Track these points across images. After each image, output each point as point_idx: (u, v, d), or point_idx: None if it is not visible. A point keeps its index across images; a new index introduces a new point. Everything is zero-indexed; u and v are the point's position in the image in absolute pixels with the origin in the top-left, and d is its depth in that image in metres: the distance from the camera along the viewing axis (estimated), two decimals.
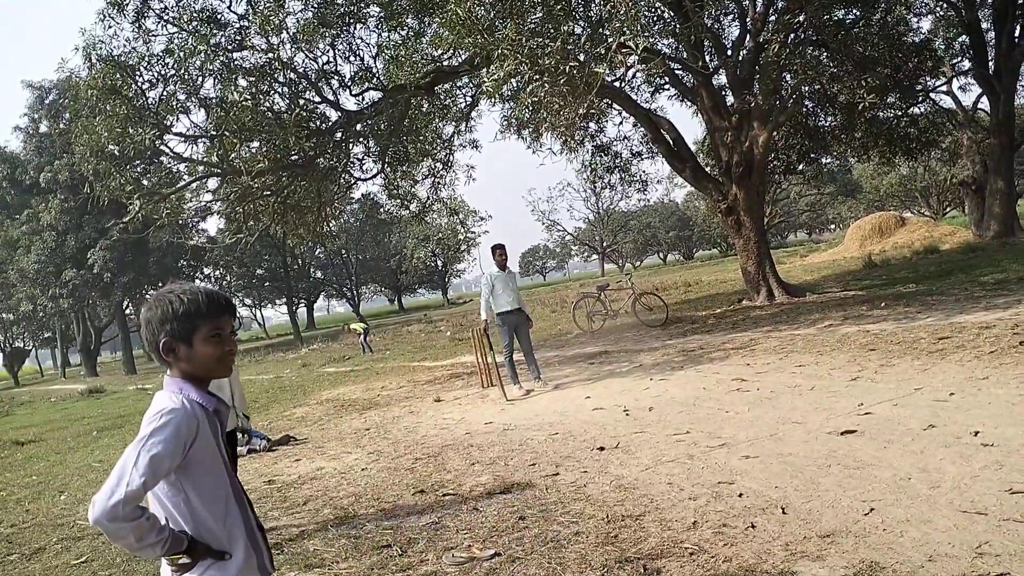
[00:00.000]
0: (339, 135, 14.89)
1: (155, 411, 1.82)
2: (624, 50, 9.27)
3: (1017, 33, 21.54)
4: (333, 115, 14.82)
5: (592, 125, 19.37)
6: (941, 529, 3.53)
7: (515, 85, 13.19)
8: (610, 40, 9.07)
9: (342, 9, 13.48)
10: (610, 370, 10.42)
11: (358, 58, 14.71)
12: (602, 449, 5.98)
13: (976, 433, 4.84)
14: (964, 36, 23.43)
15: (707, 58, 16.76)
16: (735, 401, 7.02)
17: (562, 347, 14.75)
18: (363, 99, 15.41)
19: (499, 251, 9.79)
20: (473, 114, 17.51)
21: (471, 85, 16.79)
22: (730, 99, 16.71)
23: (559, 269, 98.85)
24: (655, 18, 16.53)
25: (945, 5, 22.84)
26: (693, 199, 70.74)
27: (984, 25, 22.74)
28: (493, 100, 14.76)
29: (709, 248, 79.04)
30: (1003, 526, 3.43)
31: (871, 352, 8.41)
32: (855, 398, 6.34)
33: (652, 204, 75.11)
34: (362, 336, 23.85)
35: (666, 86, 18.75)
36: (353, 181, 16.52)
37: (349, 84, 14.73)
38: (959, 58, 24.36)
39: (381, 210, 33.90)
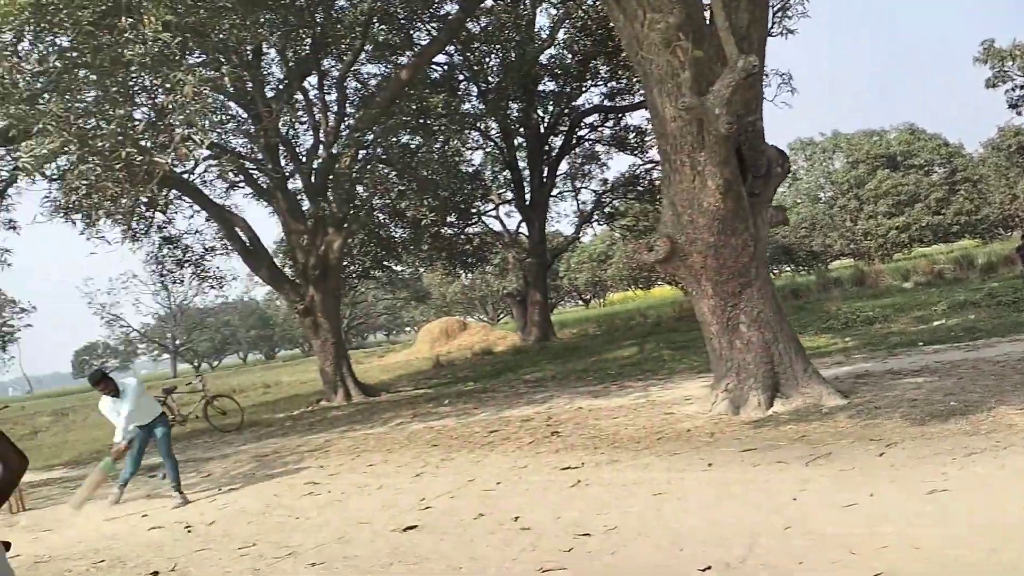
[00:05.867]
0: None
1: None
2: (189, 143, 9.13)
3: (546, 173, 25.19)
4: None
5: (159, 215, 17.56)
6: None
7: (63, 164, 11.61)
8: (176, 131, 8.87)
9: None
10: (188, 484, 9.05)
11: None
12: (156, 574, 5.62)
13: (516, 518, 5.48)
14: (507, 171, 25.99)
15: (282, 162, 16.92)
16: (306, 506, 6.99)
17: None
18: None
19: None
20: (11, 191, 15.36)
21: (8, 159, 14.42)
22: (306, 204, 17.02)
23: (123, 369, 79.61)
24: (227, 115, 16.71)
25: (491, 144, 25.52)
26: (274, 298, 65.37)
27: (522, 164, 25.51)
28: (33, 178, 12.41)
29: (291, 348, 77.78)
30: None
31: (434, 448, 8.87)
32: (418, 493, 6.73)
33: (231, 301, 67.12)
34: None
35: (241, 184, 18.24)
36: None
37: None
38: (504, 189, 26.58)
39: None
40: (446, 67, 21.37)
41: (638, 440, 7.39)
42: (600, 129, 26.09)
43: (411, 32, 17.44)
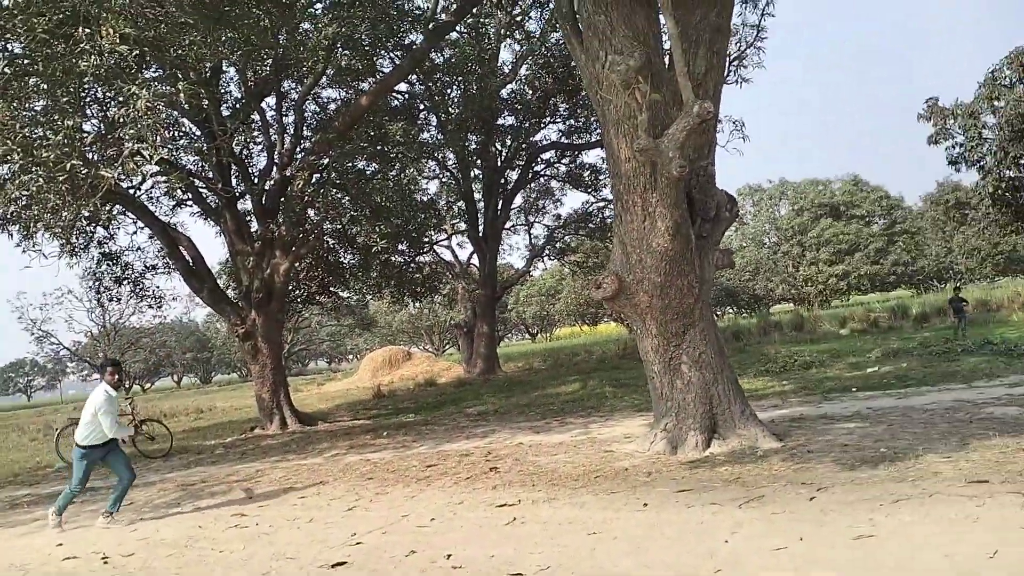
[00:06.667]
0: None
1: None
2: (138, 158, 8.82)
3: (500, 207, 25.89)
4: None
5: (101, 230, 17.73)
6: None
7: (3, 173, 11.32)
8: (126, 145, 8.54)
9: None
10: (93, 510, 8.62)
11: None
12: None
13: (448, 556, 5.36)
14: (461, 202, 26.54)
15: (233, 182, 16.84)
16: (231, 539, 6.73)
17: (38, 484, 12.22)
18: None
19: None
20: None
21: None
22: (255, 225, 17.03)
23: (50, 388, 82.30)
24: (180, 132, 16.72)
25: (448, 174, 26.36)
26: (214, 320, 65.83)
27: (477, 196, 26.34)
28: None
29: (229, 372, 77.05)
30: None
31: (369, 481, 8.77)
32: (349, 528, 6.53)
33: (169, 322, 67.05)
34: None
35: (189, 202, 18.29)
36: None
37: None
38: (458, 219, 27.04)
39: None
40: (407, 96, 21.50)
41: (576, 478, 7.41)
42: (556, 165, 26.63)
43: (374, 59, 17.25)
